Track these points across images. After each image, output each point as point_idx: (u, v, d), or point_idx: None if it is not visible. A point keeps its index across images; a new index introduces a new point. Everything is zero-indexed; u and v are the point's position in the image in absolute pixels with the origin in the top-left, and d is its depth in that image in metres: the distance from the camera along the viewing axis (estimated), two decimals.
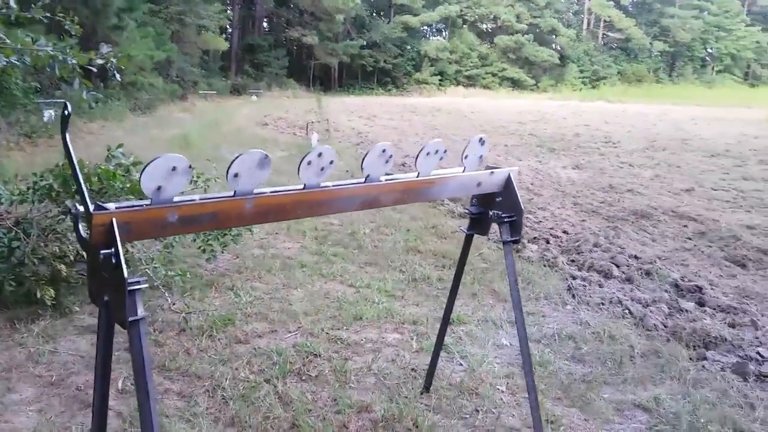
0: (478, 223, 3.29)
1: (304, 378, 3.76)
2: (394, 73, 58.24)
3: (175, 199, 2.09)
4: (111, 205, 2.11)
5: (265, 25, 57.40)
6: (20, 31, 4.80)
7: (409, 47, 59.58)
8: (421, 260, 6.20)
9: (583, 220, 7.95)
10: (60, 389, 3.52)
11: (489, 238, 7.08)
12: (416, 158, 2.75)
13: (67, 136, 2.04)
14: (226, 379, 3.68)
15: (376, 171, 2.62)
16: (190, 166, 2.08)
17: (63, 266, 4.46)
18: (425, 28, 64.37)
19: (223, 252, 5.61)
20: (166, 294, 4.81)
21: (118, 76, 4.35)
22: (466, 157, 2.98)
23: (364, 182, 2.61)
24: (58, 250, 4.51)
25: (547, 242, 6.80)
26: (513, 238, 3.12)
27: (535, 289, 5.41)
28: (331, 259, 6.17)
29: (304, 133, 17.24)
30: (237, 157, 2.19)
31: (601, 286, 5.39)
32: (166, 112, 26.90)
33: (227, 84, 42.72)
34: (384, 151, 2.60)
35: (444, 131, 19.72)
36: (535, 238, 6.97)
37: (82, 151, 13.54)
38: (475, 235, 3.32)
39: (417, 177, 2.77)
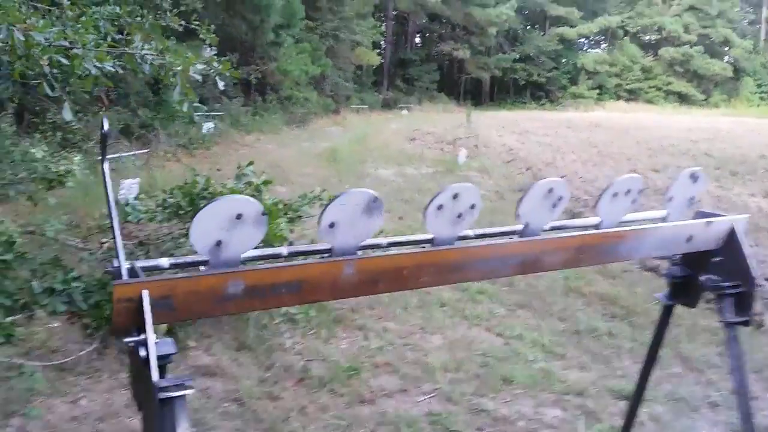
0: (683, 290, 2.37)
1: None
2: (549, 87, 56.01)
3: (243, 256, 1.47)
4: (165, 261, 1.52)
5: (417, 40, 57.67)
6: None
7: (564, 60, 57.11)
8: (585, 306, 5.21)
9: None
10: None
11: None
12: (598, 201, 1.92)
13: (106, 165, 1.43)
14: None
15: (538, 219, 1.83)
16: (263, 213, 1.43)
17: None
18: (583, 40, 61.45)
19: None
20: (287, 333, 4.26)
21: (220, 84, 3.83)
22: (670, 199, 2.10)
23: (521, 235, 1.83)
24: None
25: None
26: (741, 319, 2.16)
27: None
28: (476, 298, 5.35)
29: (452, 148, 16.53)
30: (334, 198, 1.51)
31: None
32: (318, 125, 27.42)
33: (379, 98, 43.15)
34: (551, 191, 1.80)
35: (604, 149, 18.12)
36: None
37: (232, 164, 13.80)
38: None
39: (599, 228, 1.94)
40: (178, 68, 3.26)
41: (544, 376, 3.87)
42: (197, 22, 5.00)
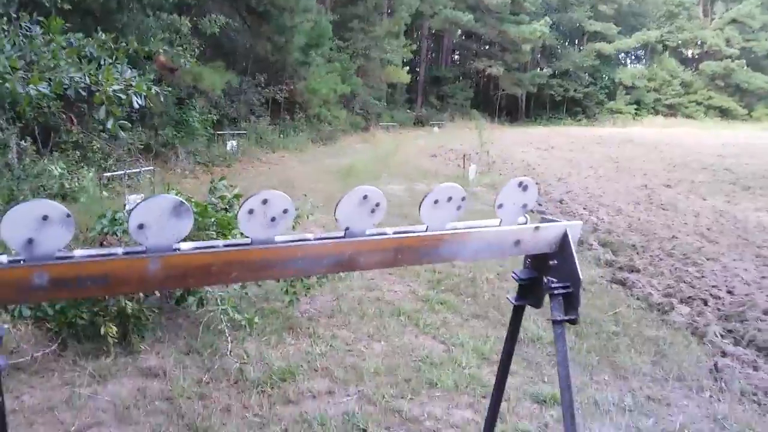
0: (530, 292, 2.51)
1: None
2: (585, 103, 55.51)
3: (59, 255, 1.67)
4: (4, 258, 1.73)
5: (456, 57, 57.98)
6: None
7: (602, 75, 56.61)
8: (540, 316, 5.32)
9: (764, 278, 6.46)
10: None
11: (632, 294, 6.00)
12: (420, 208, 2.11)
13: None
14: None
15: (358, 224, 2.02)
16: (68, 215, 1.65)
17: (129, 303, 4.31)
18: (621, 55, 60.88)
19: (306, 294, 5.23)
20: (235, 339, 4.50)
21: (136, 101, 4.10)
22: (500, 206, 2.26)
23: (344, 236, 2.03)
24: None
25: (705, 303, 5.55)
26: (567, 317, 2.32)
27: (666, 366, 4.33)
28: (435, 308, 5.52)
29: (468, 164, 16.67)
30: (138, 204, 1.73)
31: (756, 368, 4.16)
32: (346, 143, 27.86)
33: (411, 116, 43.51)
34: (366, 197, 2.00)
35: (624, 164, 18.05)
36: (689, 297, 5.72)
37: (247, 180, 14.22)
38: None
39: (424, 232, 2.13)
40: (110, 88, 3.54)
41: (469, 381, 4.03)
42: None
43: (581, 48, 57.23)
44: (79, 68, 3.62)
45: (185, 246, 1.86)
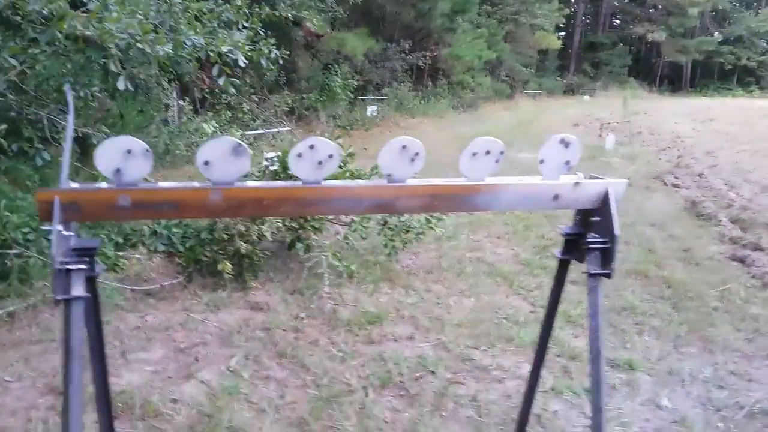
0: (575, 247, 2.60)
1: (402, 393, 3.48)
2: (760, 72, 50.48)
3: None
4: (104, 184, 2.13)
5: (616, 21, 54.87)
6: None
7: None
8: (641, 287, 5.24)
9: None
10: (182, 356, 3.82)
11: (749, 272, 5.71)
12: (460, 160, 2.28)
13: (69, 117, 2.14)
14: (328, 377, 3.59)
15: (399, 171, 2.24)
16: (147, 150, 2.01)
17: (243, 244, 4.82)
18: None
19: (404, 248, 5.50)
20: (335, 284, 4.89)
21: (241, 60, 4.41)
22: (542, 161, 2.37)
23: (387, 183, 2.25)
24: (243, 229, 4.88)
25: None
26: (602, 271, 2.40)
27: (762, 343, 4.15)
28: (534, 272, 5.59)
29: (606, 134, 16.04)
30: (204, 143, 2.06)
31: None
32: (487, 110, 27.59)
33: (561, 83, 42.05)
34: (405, 147, 2.20)
35: None
36: None
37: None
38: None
39: (461, 182, 2.31)
40: (221, 49, 3.95)
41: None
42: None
43: (759, 11, 51.87)
44: (195, 31, 4.09)
45: (246, 184, 2.17)
